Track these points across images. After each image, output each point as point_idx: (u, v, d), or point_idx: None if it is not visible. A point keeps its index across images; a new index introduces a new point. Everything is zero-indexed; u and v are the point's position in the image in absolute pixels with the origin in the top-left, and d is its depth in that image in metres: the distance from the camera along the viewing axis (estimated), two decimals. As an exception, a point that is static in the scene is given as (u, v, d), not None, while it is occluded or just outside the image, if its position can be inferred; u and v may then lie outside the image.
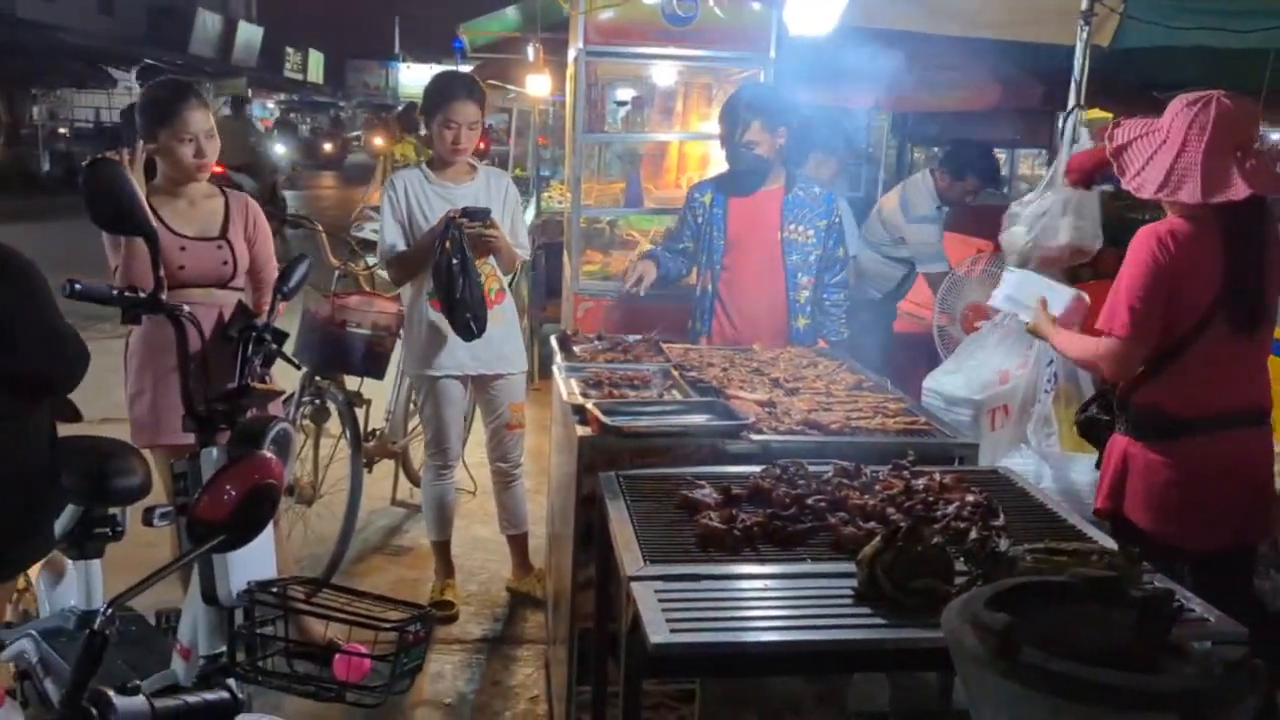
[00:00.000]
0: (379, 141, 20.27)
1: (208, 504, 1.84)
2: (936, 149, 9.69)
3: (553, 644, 3.32)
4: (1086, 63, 3.68)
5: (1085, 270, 3.94)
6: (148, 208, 2.28)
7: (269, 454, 2.03)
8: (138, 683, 1.55)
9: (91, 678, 1.47)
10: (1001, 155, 14.06)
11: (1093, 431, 2.94)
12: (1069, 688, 1.18)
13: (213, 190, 3.19)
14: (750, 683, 2.71)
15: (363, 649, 2.24)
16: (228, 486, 1.86)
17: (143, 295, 2.24)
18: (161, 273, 2.24)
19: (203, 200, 3.14)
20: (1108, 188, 4.70)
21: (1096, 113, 8.64)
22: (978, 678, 1.28)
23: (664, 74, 5.98)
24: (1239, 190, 2.49)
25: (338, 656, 2.24)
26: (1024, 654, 1.24)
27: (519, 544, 4.04)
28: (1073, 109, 3.66)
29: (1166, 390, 2.65)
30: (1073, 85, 3.65)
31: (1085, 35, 3.63)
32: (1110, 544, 1.99)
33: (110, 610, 1.56)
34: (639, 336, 3.63)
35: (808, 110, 7.26)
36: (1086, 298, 3.13)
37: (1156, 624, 1.34)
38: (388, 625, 2.15)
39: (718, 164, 5.99)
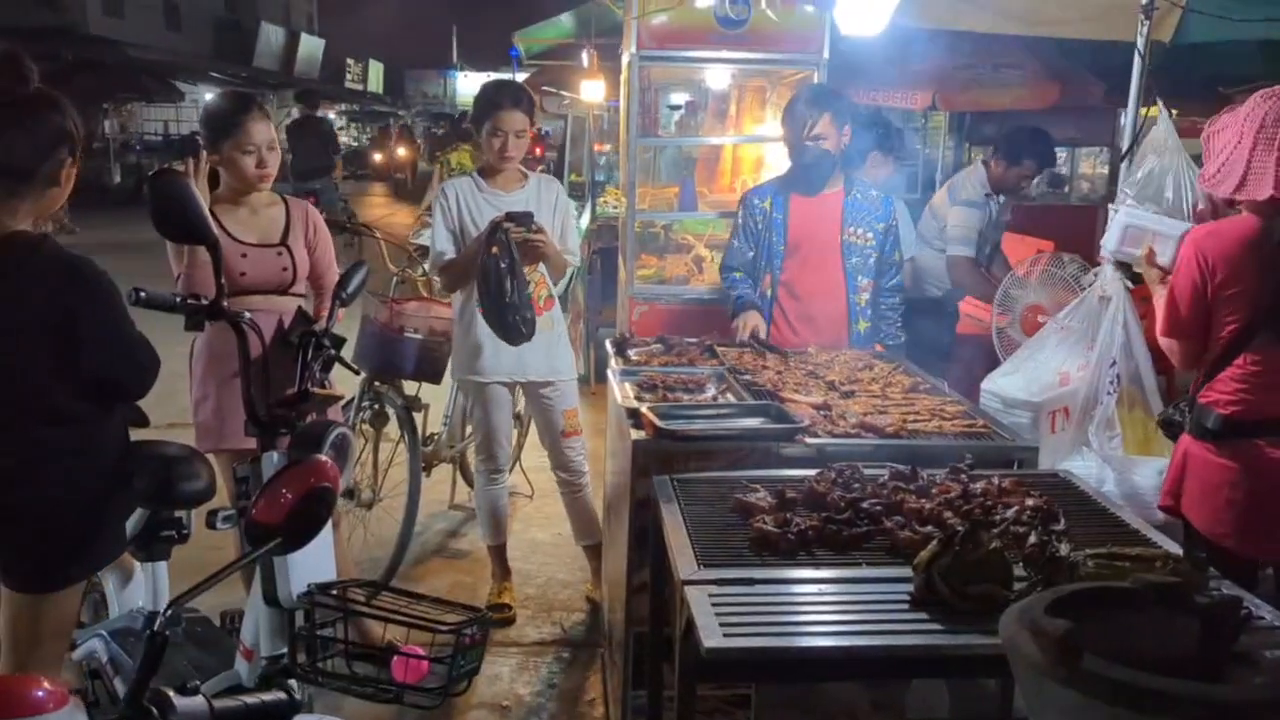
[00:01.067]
0: (401, 152, 19.91)
1: (264, 507, 1.87)
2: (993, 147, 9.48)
3: (608, 647, 3.32)
4: (1148, 59, 3.60)
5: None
6: (210, 217, 2.33)
7: (325, 458, 2.06)
8: (197, 683, 1.58)
9: (152, 677, 1.51)
10: (1062, 154, 13.83)
11: (1170, 430, 2.91)
12: (1131, 696, 1.15)
13: (274, 198, 3.25)
14: (806, 688, 2.69)
15: (420, 651, 2.27)
16: (284, 490, 1.89)
17: (205, 302, 2.29)
18: (223, 280, 2.29)
19: (264, 208, 3.21)
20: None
21: (1159, 110, 8.44)
22: (1036, 685, 1.26)
23: (717, 77, 5.97)
24: (1262, 190, 2.44)
25: (396, 658, 2.27)
26: (1084, 661, 1.21)
27: (595, 554, 3.97)
28: (1135, 106, 3.57)
29: (1221, 391, 2.62)
30: (1134, 82, 3.57)
31: (1146, 30, 3.55)
32: (1175, 549, 1.94)
33: (170, 611, 1.59)
34: (694, 340, 3.63)
35: (864, 110, 7.23)
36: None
37: (1222, 632, 1.31)
38: (445, 628, 2.17)
39: (772, 167, 5.96)
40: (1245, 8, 4.24)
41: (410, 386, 4.37)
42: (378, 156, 25.37)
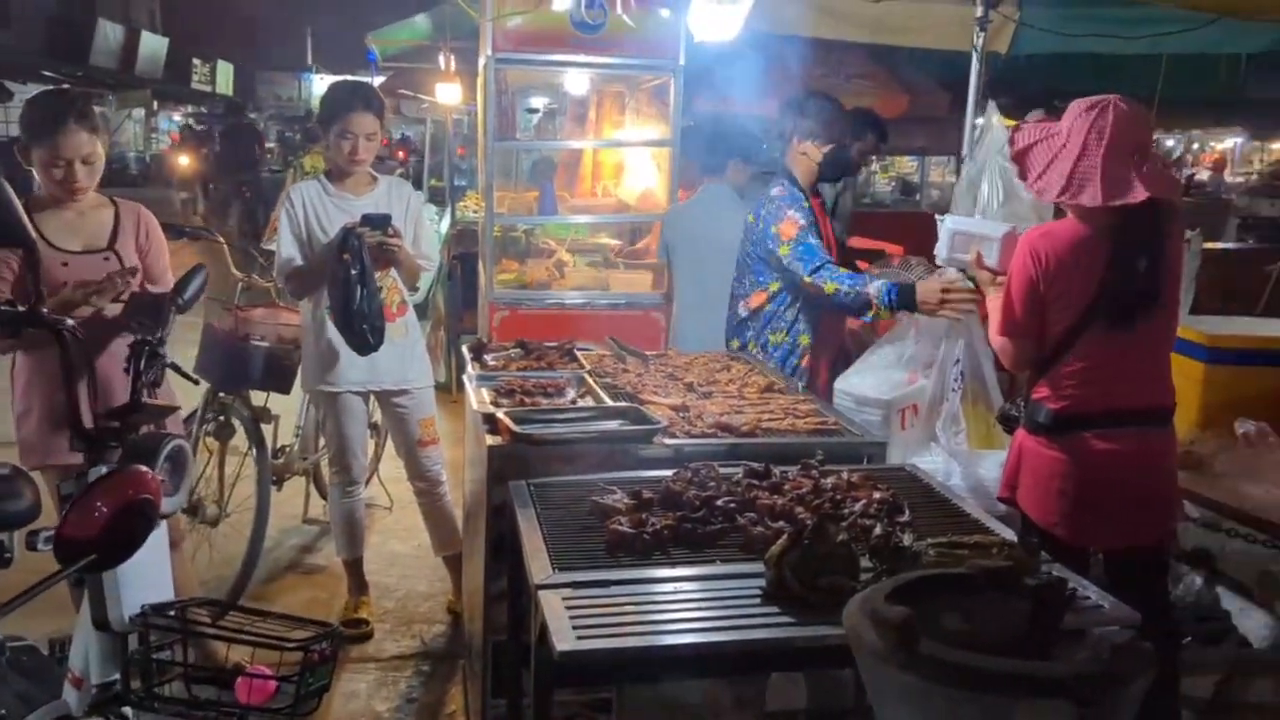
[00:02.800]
0: (184, 162, 17.82)
1: (75, 522, 1.76)
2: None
3: (468, 658, 3.27)
4: (985, 69, 3.77)
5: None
6: (27, 220, 2.18)
7: (143, 467, 1.95)
8: (3, 713, 1.47)
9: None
10: (913, 163, 14.40)
11: (1007, 425, 3.02)
12: (965, 678, 1.19)
13: (102, 200, 3.06)
14: (667, 688, 2.70)
15: (267, 670, 2.18)
16: (97, 503, 1.78)
17: (21, 309, 2.14)
18: (42, 286, 2.15)
19: (91, 210, 3.02)
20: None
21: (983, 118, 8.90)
22: (877, 671, 1.28)
23: (576, 82, 5.97)
24: (1138, 193, 2.55)
25: (240, 679, 2.18)
26: (922, 646, 1.24)
27: (456, 565, 3.90)
28: (973, 113, 3.73)
29: (1051, 387, 2.73)
30: (971, 90, 3.73)
31: (980, 41, 3.72)
32: (1012, 536, 2.02)
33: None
34: (554, 344, 3.60)
35: (725, 117, 7.30)
36: (1018, 230, 3.18)
37: (1050, 611, 1.36)
38: (291, 645, 2.10)
39: (633, 172, 6.01)
40: (1072, 23, 4.52)
41: (259, 397, 4.21)
42: (184, 160, 21.67)
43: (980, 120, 3.70)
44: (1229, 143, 19.61)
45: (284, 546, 4.57)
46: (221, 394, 3.99)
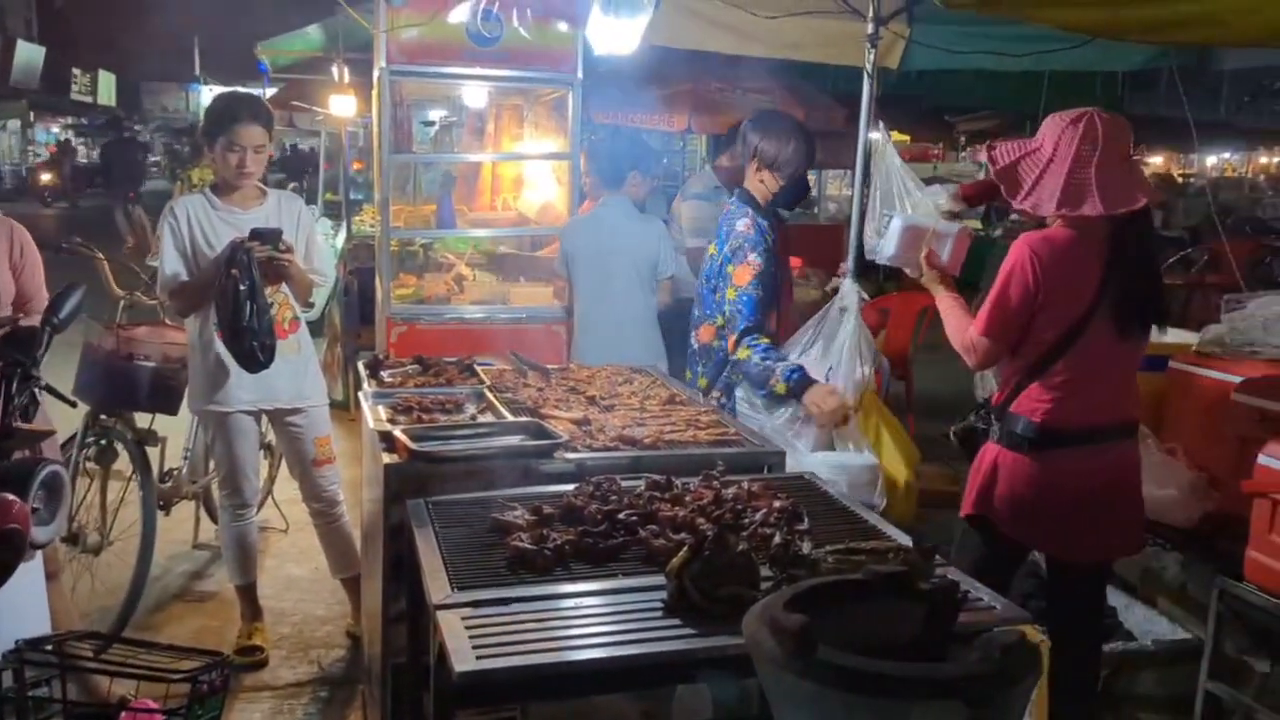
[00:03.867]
0: None
1: (-65, 555, 1.66)
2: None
3: (368, 682, 3.18)
4: (877, 84, 3.85)
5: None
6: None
7: (10, 496, 1.86)
8: None
9: None
10: (810, 177, 14.74)
11: (970, 439, 2.99)
12: (861, 682, 1.20)
13: (-28, 216, 2.93)
14: (574, 705, 2.67)
15: (152, 704, 2.10)
16: (-42, 535, 1.69)
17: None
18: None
19: (-41, 227, 2.88)
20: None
21: (895, 135, 9.17)
22: (776, 679, 1.29)
23: (474, 95, 5.93)
24: (1137, 200, 2.57)
25: (123, 714, 2.09)
26: (819, 652, 1.25)
27: (354, 587, 3.80)
28: (866, 127, 3.81)
29: (1034, 400, 2.72)
30: (864, 105, 3.82)
31: (872, 57, 3.81)
32: (907, 541, 2.06)
33: None
34: (453, 359, 3.55)
35: (625, 131, 7.34)
36: (970, 230, 3.19)
37: (943, 614, 1.39)
38: (178, 676, 2.02)
39: (532, 185, 5.99)
40: (961, 40, 4.66)
41: (143, 418, 4.05)
42: (46, 177, 20.13)
43: (876, 135, 3.77)
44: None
45: (173, 574, 4.39)
46: (103, 416, 3.83)
